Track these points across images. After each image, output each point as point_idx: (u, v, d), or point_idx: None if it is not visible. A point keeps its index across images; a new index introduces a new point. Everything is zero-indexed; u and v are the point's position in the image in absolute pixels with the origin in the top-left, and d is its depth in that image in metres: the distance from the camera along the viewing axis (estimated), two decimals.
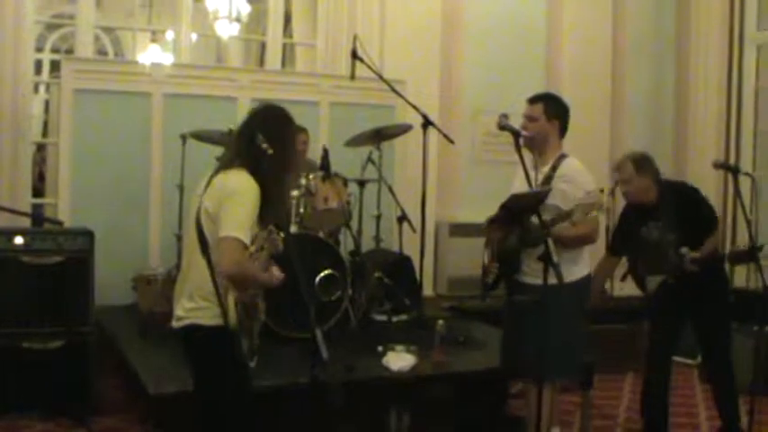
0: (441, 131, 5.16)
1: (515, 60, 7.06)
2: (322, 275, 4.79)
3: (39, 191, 6.79)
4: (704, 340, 4.47)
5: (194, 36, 7.11)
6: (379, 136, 5.20)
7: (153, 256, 5.77)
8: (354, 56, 5.08)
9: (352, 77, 5.12)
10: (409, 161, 6.04)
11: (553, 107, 3.93)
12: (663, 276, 4.31)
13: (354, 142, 5.29)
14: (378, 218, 5.32)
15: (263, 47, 7.87)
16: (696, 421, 5.00)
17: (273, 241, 2.87)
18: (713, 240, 4.31)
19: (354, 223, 5.26)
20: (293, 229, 4.83)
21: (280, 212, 2.92)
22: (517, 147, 3.47)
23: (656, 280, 4.34)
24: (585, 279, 3.89)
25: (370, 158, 5.24)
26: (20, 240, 4.49)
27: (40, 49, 9.41)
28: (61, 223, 5.12)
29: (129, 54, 10.28)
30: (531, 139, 3.74)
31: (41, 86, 9.28)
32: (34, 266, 4.48)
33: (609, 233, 6.10)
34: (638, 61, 7.56)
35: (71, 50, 7.65)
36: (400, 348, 4.35)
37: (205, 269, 2.75)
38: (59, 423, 4.39)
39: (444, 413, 4.34)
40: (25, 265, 4.47)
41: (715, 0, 7.42)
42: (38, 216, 5.74)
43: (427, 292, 6.16)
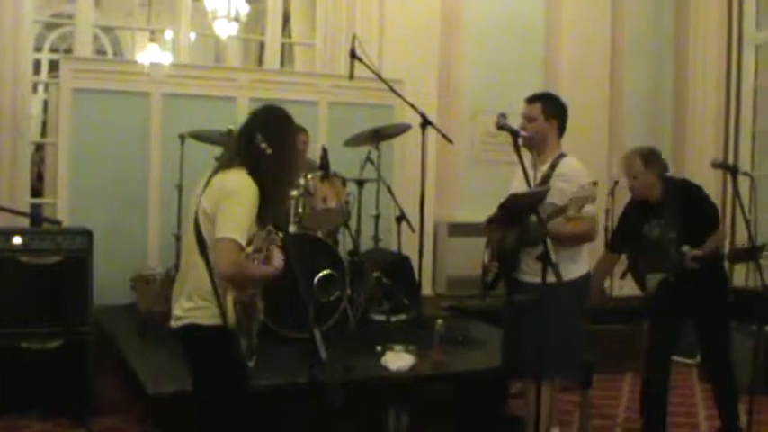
0: (439, 131, 5.16)
1: (514, 60, 7.06)
2: (321, 275, 4.78)
3: (37, 191, 6.77)
4: (704, 339, 4.47)
5: (193, 36, 7.10)
6: (378, 136, 5.19)
7: (152, 255, 5.76)
8: (353, 56, 5.08)
9: (351, 77, 5.12)
10: (408, 161, 6.03)
11: (551, 107, 3.94)
12: (663, 275, 4.30)
13: (353, 142, 5.28)
14: (376, 218, 5.32)
15: (261, 47, 7.87)
16: (695, 421, 5.00)
17: (272, 242, 2.87)
18: (715, 239, 4.29)
19: (353, 223, 5.26)
20: (292, 228, 4.82)
21: (279, 212, 2.91)
22: (516, 146, 3.48)
23: (655, 278, 4.34)
24: (584, 277, 3.89)
25: (368, 158, 5.24)
26: (18, 240, 4.48)
27: (38, 49, 9.44)
28: (60, 223, 5.11)
29: (127, 54, 10.28)
30: (529, 138, 3.74)
31: (40, 86, 9.27)
32: (33, 266, 4.48)
33: (608, 233, 6.13)
34: (637, 61, 7.56)
35: (70, 50, 7.65)
36: (399, 348, 4.35)
37: (204, 269, 2.75)
38: (58, 423, 4.39)
39: (443, 413, 4.34)
40: (24, 265, 4.46)
41: (714, 0, 7.43)
42: (36, 216, 5.73)
43: (426, 291, 6.16)
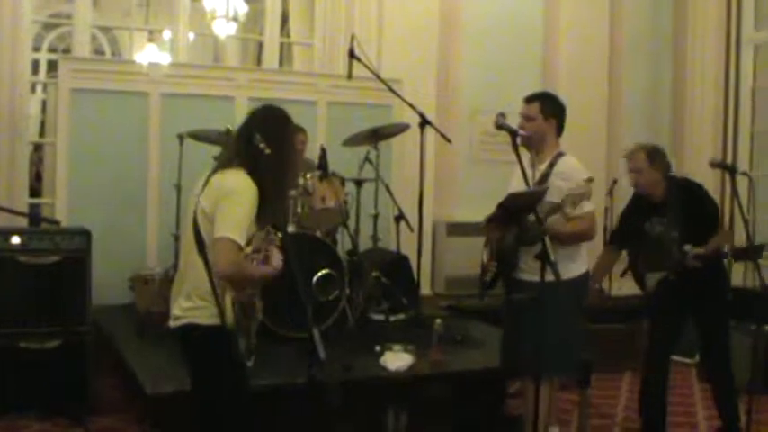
0: (438, 131, 5.16)
1: (513, 60, 7.05)
2: (319, 275, 4.78)
3: (36, 191, 6.76)
4: (703, 338, 4.46)
5: (191, 35, 7.09)
6: (377, 135, 5.19)
7: (150, 255, 5.76)
8: (352, 55, 5.08)
9: (350, 77, 5.13)
10: (406, 160, 6.03)
11: (550, 106, 3.94)
12: (663, 273, 4.30)
13: (352, 142, 5.28)
14: (375, 217, 5.32)
15: (260, 46, 7.87)
16: (694, 420, 5.00)
17: (271, 242, 2.87)
18: (719, 239, 4.27)
19: (352, 223, 5.26)
20: (290, 228, 4.82)
21: (278, 212, 2.91)
22: (514, 146, 3.48)
23: (655, 277, 4.33)
24: (583, 276, 3.89)
25: (367, 158, 5.24)
26: (17, 240, 4.49)
27: (37, 49, 9.42)
28: (58, 223, 5.11)
29: (126, 54, 10.26)
30: (528, 138, 3.75)
31: (38, 86, 9.27)
32: (31, 266, 4.48)
33: (606, 232, 6.13)
34: (636, 60, 7.56)
35: (68, 50, 7.64)
36: (398, 348, 4.34)
37: (202, 269, 2.75)
38: (57, 423, 4.39)
39: (442, 412, 4.34)
40: (22, 265, 4.47)
41: (712, 0, 7.43)
42: (35, 216, 5.72)
43: (425, 291, 6.15)
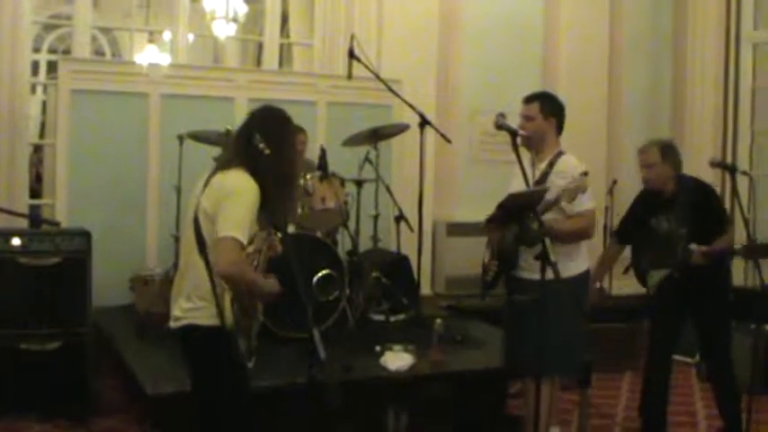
0: (438, 131, 5.16)
1: (512, 60, 7.05)
2: (320, 275, 4.78)
3: (36, 192, 6.75)
4: (704, 338, 4.45)
5: (191, 36, 7.09)
6: (377, 136, 5.19)
7: (150, 256, 5.76)
8: (351, 55, 5.08)
9: (350, 77, 5.13)
10: (406, 161, 6.02)
11: (549, 106, 3.95)
12: (666, 271, 4.29)
13: (352, 142, 5.28)
14: (375, 218, 5.32)
15: (260, 47, 7.87)
16: (694, 420, 5.00)
17: (272, 242, 2.87)
18: (725, 240, 4.25)
19: (352, 223, 5.25)
20: (291, 229, 4.82)
21: (279, 213, 2.91)
22: (514, 146, 3.48)
23: (658, 275, 4.33)
24: (584, 275, 3.89)
25: (367, 158, 5.24)
26: (17, 242, 4.48)
27: (37, 50, 9.40)
28: (58, 224, 5.09)
29: (126, 55, 10.26)
30: (528, 138, 3.75)
31: (38, 87, 9.26)
32: (31, 268, 4.48)
33: (606, 231, 6.13)
34: (635, 60, 7.55)
35: (68, 51, 7.65)
36: (398, 348, 4.35)
37: (203, 269, 2.75)
38: (57, 424, 4.39)
39: (442, 413, 4.33)
40: (22, 267, 4.46)
41: None
42: (35, 217, 5.71)
43: (425, 291, 6.15)
